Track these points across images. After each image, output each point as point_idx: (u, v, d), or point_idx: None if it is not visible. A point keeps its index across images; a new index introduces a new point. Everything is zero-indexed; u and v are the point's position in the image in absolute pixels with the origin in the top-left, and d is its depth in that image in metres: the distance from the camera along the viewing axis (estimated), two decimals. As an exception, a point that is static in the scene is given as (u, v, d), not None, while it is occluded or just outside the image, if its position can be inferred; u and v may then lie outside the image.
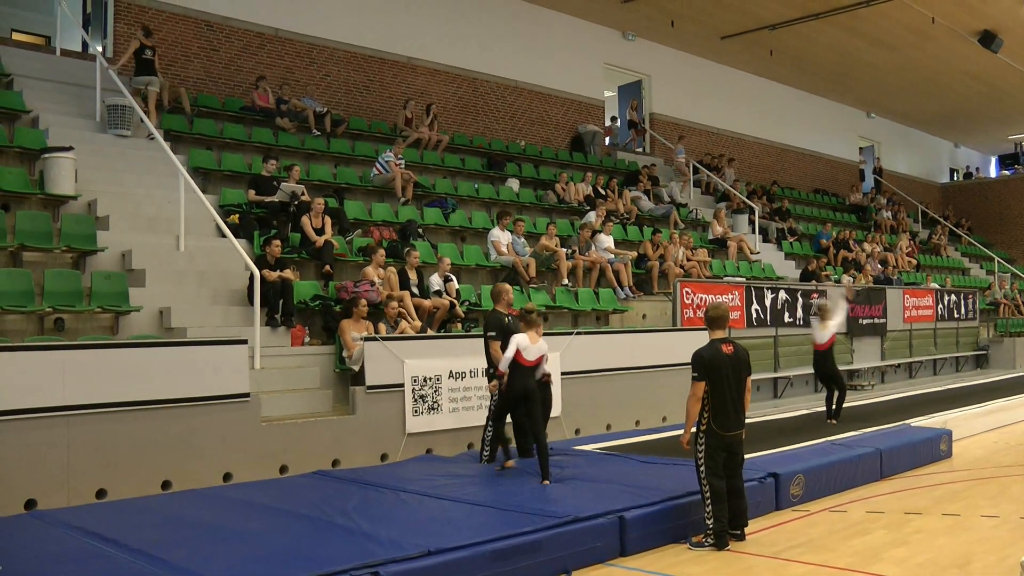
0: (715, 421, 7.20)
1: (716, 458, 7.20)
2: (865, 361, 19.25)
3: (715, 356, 7.25)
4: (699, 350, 7.34)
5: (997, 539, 7.30)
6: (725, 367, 7.25)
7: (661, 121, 25.51)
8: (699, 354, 7.30)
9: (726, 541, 7.08)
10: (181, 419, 8.45)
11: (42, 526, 6.79)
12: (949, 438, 11.39)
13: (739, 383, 7.35)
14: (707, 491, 7.16)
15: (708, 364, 7.21)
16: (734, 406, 7.28)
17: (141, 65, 14.50)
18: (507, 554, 6.15)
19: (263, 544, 6.26)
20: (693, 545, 7.15)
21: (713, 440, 7.21)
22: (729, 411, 7.23)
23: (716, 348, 7.31)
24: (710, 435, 7.22)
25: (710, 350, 7.30)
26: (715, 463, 7.19)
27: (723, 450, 7.23)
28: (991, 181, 39.66)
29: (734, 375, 7.31)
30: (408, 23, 19.52)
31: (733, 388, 7.28)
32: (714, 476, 7.15)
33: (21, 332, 9.33)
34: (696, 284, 15.61)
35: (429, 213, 15.61)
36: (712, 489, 7.13)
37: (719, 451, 7.22)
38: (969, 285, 27.32)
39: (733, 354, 7.34)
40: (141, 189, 12.67)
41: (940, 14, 22.07)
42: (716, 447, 7.20)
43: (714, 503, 7.10)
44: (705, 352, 7.29)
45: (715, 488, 7.12)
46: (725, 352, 7.30)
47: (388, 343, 10.20)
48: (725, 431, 7.21)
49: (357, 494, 7.90)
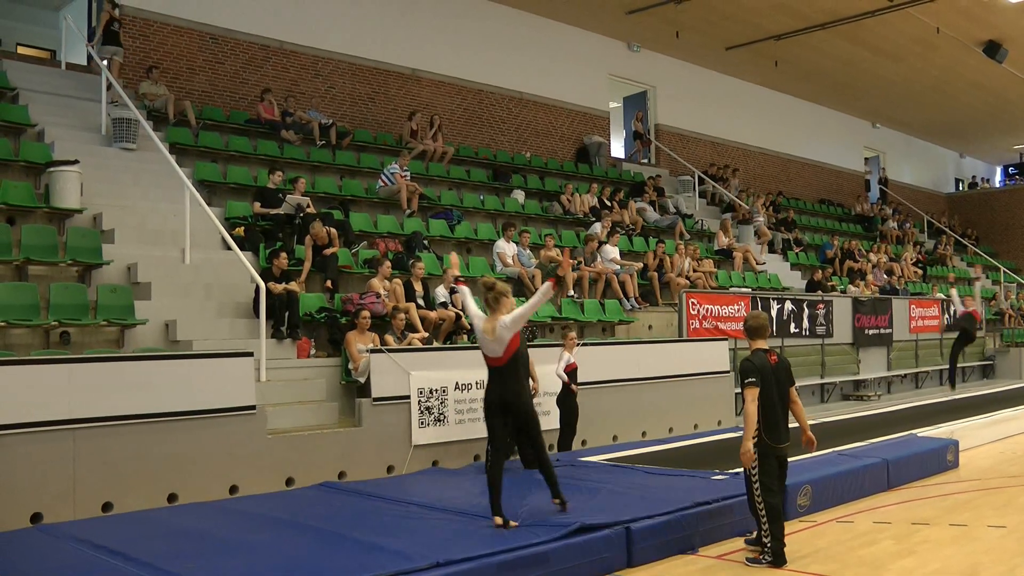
0: (767, 433, 6.97)
1: (771, 473, 6.99)
2: (871, 371, 19.22)
3: (764, 364, 7.05)
4: (747, 358, 7.13)
5: (1004, 549, 7.26)
6: (772, 377, 7.06)
7: (666, 132, 25.53)
8: (749, 361, 7.08)
9: (784, 558, 6.89)
10: (187, 432, 8.43)
11: (48, 540, 6.78)
12: (956, 448, 11.33)
13: (784, 394, 7.16)
14: (763, 509, 6.94)
15: (760, 370, 7.00)
16: (782, 417, 7.09)
17: (109, 36, 15.04)
18: (514, 565, 6.13)
19: (270, 557, 6.25)
20: (749, 561, 6.99)
21: (766, 455, 6.99)
22: (779, 422, 7.03)
23: (763, 357, 7.11)
24: (763, 449, 6.99)
25: (758, 358, 7.09)
26: (770, 479, 6.98)
27: (776, 464, 7.05)
28: (997, 191, 39.62)
29: (780, 386, 7.12)
30: (413, 35, 19.58)
31: (780, 399, 7.09)
32: (770, 494, 6.94)
33: (27, 346, 9.35)
34: (702, 295, 15.58)
35: (434, 225, 15.62)
36: (768, 507, 6.92)
37: (774, 465, 7.02)
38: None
39: (778, 364, 7.14)
40: (146, 202, 12.70)
41: (945, 24, 22.08)
42: (770, 461, 7.00)
43: (771, 521, 6.90)
44: (755, 359, 7.07)
45: (772, 506, 6.92)
46: (771, 361, 7.12)
47: (394, 355, 10.20)
48: (777, 443, 7.00)
49: (364, 506, 7.89)
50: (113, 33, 15.10)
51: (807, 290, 19.94)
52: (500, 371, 7.19)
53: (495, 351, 7.13)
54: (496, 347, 7.12)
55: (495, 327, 7.09)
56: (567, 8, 21.50)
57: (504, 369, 7.17)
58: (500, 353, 7.13)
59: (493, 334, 7.10)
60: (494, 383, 7.20)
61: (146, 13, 15.91)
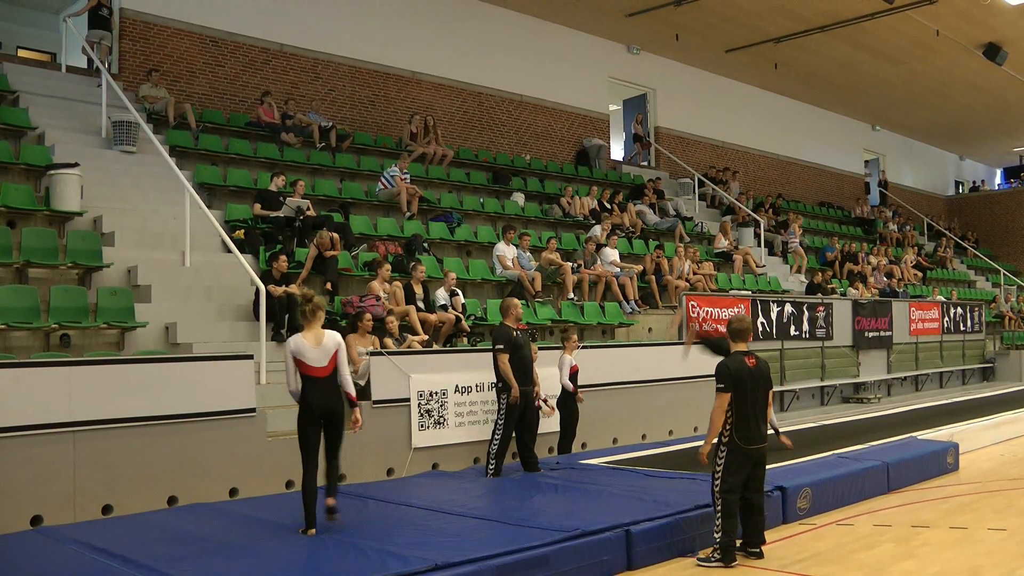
0: (738, 434, 7.08)
1: (736, 473, 7.06)
2: (871, 374, 19.21)
3: (740, 368, 7.15)
4: (723, 361, 7.24)
5: (1004, 552, 7.27)
6: (749, 380, 7.15)
7: (666, 135, 25.54)
8: (724, 365, 7.20)
9: (733, 556, 6.98)
10: (187, 434, 8.43)
11: (48, 542, 6.78)
12: (956, 451, 11.33)
13: (762, 396, 7.26)
14: (719, 504, 7.04)
15: (734, 376, 7.10)
16: (757, 419, 7.17)
17: (97, 20, 15.15)
18: (514, 568, 6.13)
19: (270, 559, 6.25)
20: (700, 561, 7.06)
21: (735, 454, 7.08)
22: (752, 425, 7.11)
23: (740, 360, 7.21)
24: (732, 449, 7.09)
25: (735, 362, 7.20)
26: (733, 478, 7.05)
27: (746, 465, 7.10)
28: (997, 193, 39.63)
29: (757, 388, 7.20)
30: (413, 38, 19.59)
31: (756, 401, 7.18)
32: (729, 491, 7.02)
33: (27, 348, 9.35)
34: (702, 297, 15.59)
35: (434, 227, 15.63)
36: (724, 503, 7.01)
37: (741, 466, 7.08)
38: (975, 298, 27.25)
39: (756, 367, 7.24)
40: (147, 205, 12.71)
41: (945, 27, 22.10)
42: (738, 462, 7.07)
43: (724, 517, 7.00)
44: (731, 363, 7.18)
45: (728, 503, 7.01)
46: (749, 364, 7.20)
47: (394, 358, 10.20)
48: (748, 444, 7.09)
49: (363, 509, 7.88)
50: (102, 18, 15.15)
51: (807, 293, 19.93)
52: (323, 382, 7.18)
53: (320, 361, 7.16)
54: (322, 356, 7.17)
55: (323, 340, 7.17)
56: (567, 11, 21.52)
57: (326, 381, 7.20)
58: (323, 364, 7.17)
59: (319, 345, 7.16)
60: (319, 394, 7.15)
61: (146, 16, 15.92)
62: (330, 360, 7.18)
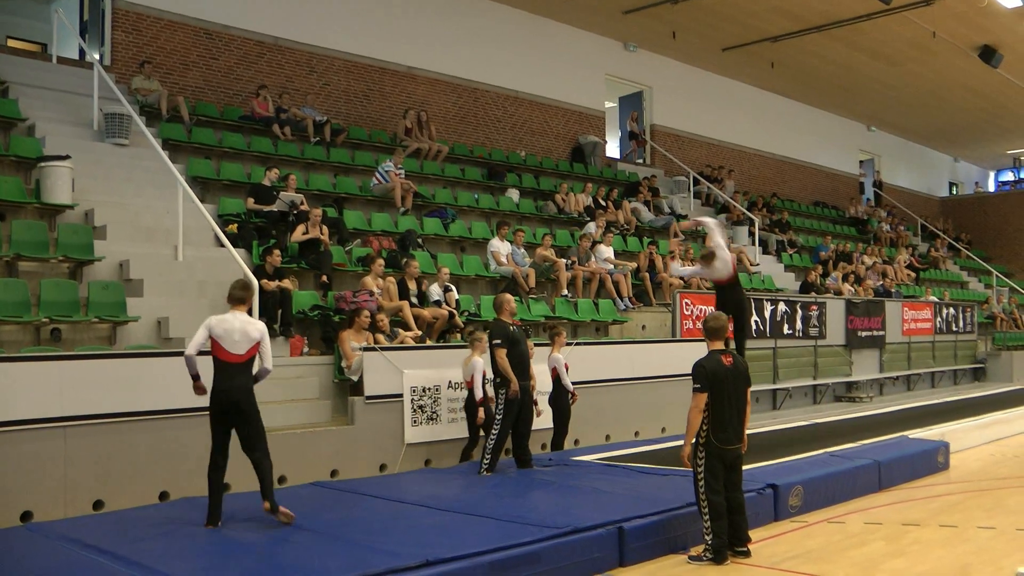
0: (715, 434, 7.09)
1: (716, 473, 7.08)
2: (863, 373, 19.24)
3: (716, 367, 7.15)
4: (700, 361, 7.24)
5: (994, 550, 7.31)
6: (726, 379, 7.15)
7: (662, 132, 25.54)
8: (700, 365, 7.20)
9: (725, 556, 7.00)
10: (179, 430, 8.39)
11: (38, 538, 6.74)
12: (946, 450, 11.38)
13: (739, 396, 7.26)
14: (705, 507, 7.06)
15: (710, 375, 7.11)
16: (734, 419, 7.18)
17: None
18: (506, 565, 6.12)
19: (261, 555, 6.24)
20: (692, 559, 7.08)
21: (713, 454, 7.10)
22: (729, 424, 7.13)
23: (717, 359, 7.21)
24: (709, 449, 7.11)
25: (711, 361, 7.20)
26: (714, 478, 7.07)
27: (723, 464, 7.12)
28: (990, 195, 39.81)
29: (734, 387, 7.22)
30: (408, 32, 19.54)
31: (733, 401, 7.19)
32: (713, 492, 7.04)
33: (17, 343, 9.29)
34: (696, 295, 15.59)
35: (429, 223, 15.60)
36: (711, 505, 7.03)
37: (719, 465, 7.10)
38: (967, 299, 27.31)
39: (733, 366, 7.24)
40: (139, 198, 12.63)
41: (941, 29, 22.11)
42: (716, 461, 7.10)
43: (713, 519, 7.01)
44: (706, 363, 7.19)
45: (714, 504, 7.02)
46: (725, 363, 7.21)
47: (387, 353, 10.18)
48: (725, 444, 7.10)
49: (355, 505, 7.88)
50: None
51: (800, 291, 19.97)
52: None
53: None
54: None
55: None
56: (564, 7, 21.49)
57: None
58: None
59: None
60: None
61: (140, 7, 15.83)
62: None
